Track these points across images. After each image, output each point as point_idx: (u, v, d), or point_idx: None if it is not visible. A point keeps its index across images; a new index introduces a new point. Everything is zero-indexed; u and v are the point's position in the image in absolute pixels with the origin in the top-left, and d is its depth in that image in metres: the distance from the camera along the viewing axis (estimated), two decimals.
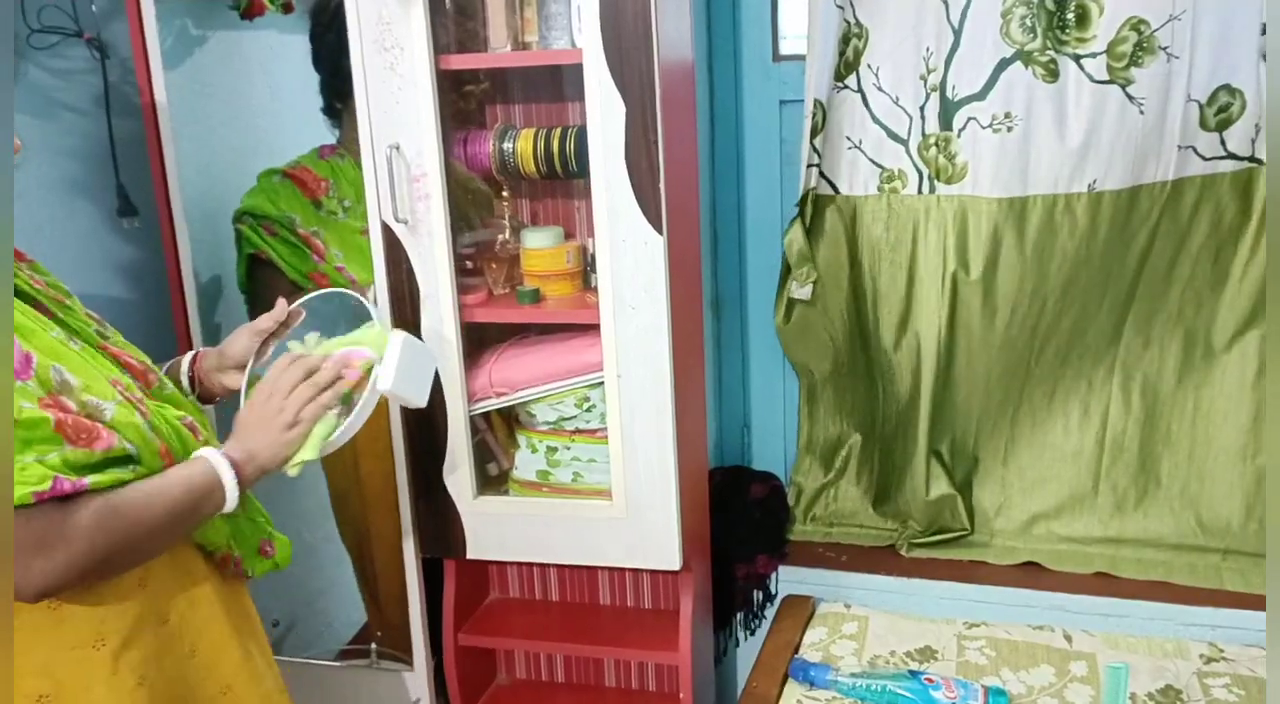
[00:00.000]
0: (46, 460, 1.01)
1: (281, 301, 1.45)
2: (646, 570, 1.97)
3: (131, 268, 1.98)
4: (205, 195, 1.95)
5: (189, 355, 1.47)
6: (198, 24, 1.96)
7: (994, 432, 2.09)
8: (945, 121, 1.86)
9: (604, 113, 1.57)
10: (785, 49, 2.12)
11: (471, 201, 1.80)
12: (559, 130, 1.71)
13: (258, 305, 1.90)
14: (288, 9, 1.92)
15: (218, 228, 1.93)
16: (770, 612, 2.12)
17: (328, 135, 1.93)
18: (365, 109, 1.65)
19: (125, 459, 1.10)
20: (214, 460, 1.19)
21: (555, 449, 1.78)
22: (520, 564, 2.05)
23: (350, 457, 1.97)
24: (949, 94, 1.85)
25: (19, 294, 1.14)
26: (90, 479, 1.04)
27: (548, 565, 2.04)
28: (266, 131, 2.07)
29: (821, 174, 1.98)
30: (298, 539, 1.47)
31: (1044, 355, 2.00)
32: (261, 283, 1.91)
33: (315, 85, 1.90)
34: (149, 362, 1.27)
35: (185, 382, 1.44)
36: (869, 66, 1.88)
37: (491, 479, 1.87)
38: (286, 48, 2.00)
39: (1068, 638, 1.88)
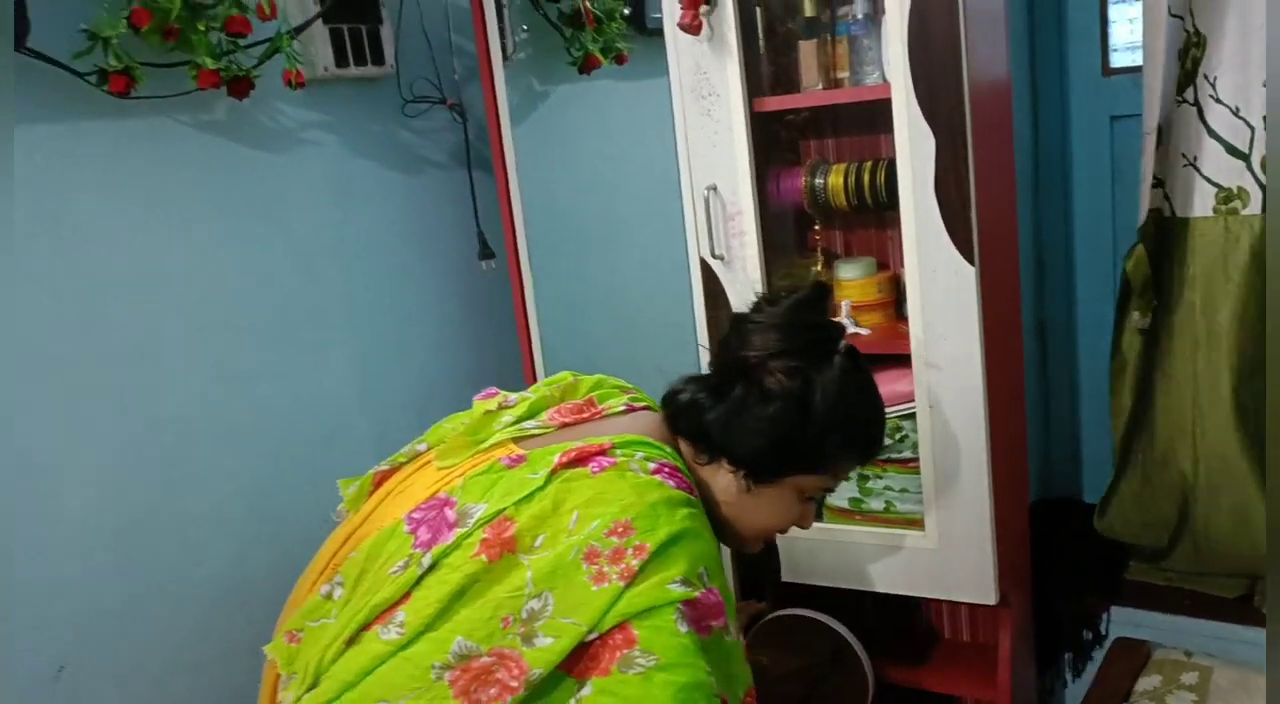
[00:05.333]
0: None
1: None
2: (963, 603, 1.93)
3: (493, 306, 2.20)
4: (549, 234, 2.14)
5: None
6: (542, 81, 2.16)
7: None
8: None
9: (913, 145, 1.57)
10: (1116, 62, 2.01)
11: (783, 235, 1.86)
12: (869, 163, 1.74)
13: None
14: (620, 61, 2.08)
15: (558, 261, 2.11)
16: (1099, 654, 2.01)
17: (670, 167, 1.85)
18: (685, 153, 1.76)
19: None
20: None
21: (867, 478, 1.80)
22: (835, 590, 2.08)
23: None
24: None
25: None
26: None
27: (863, 592, 2.05)
28: (602, 172, 2.24)
29: (1165, 196, 1.86)
30: None
31: None
32: None
33: (651, 126, 1.90)
34: None
35: None
36: (1205, 77, 1.75)
37: None
38: (621, 95, 2.15)
39: None
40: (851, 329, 1.25)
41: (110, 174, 1.56)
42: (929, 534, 1.72)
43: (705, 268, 1.79)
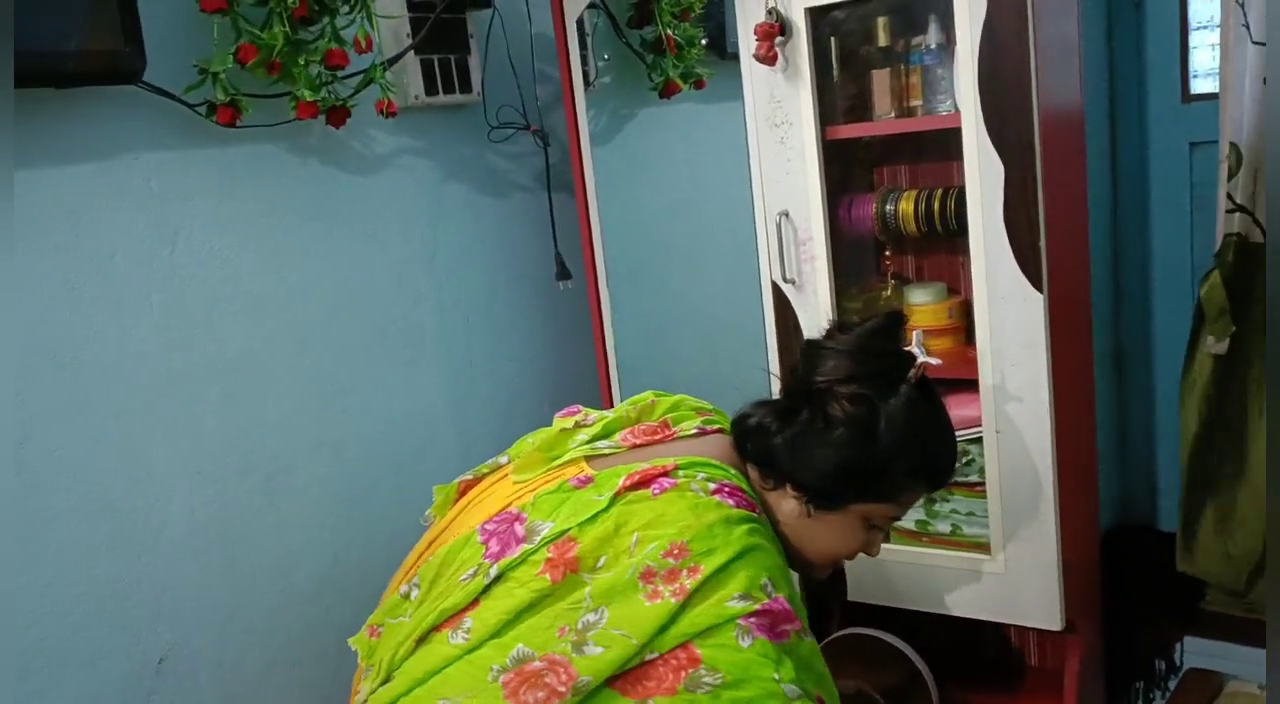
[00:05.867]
0: None
1: None
2: (1030, 628, 1.93)
3: (575, 324, 2.26)
4: (627, 254, 2.20)
5: None
6: (625, 104, 2.22)
7: None
8: None
9: (982, 174, 1.60)
10: (1197, 88, 2.01)
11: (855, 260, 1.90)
12: (940, 191, 1.76)
13: None
14: (699, 86, 2.14)
15: (635, 280, 2.17)
16: (1172, 684, 1.99)
17: (744, 190, 1.90)
18: (758, 179, 1.81)
19: None
20: None
21: (934, 500, 1.82)
22: (903, 609, 2.09)
23: None
24: None
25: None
26: None
27: (930, 613, 2.06)
28: (684, 193, 2.30)
29: (1255, 221, 1.84)
30: None
31: None
32: None
33: (727, 149, 1.95)
34: None
35: None
36: None
37: None
38: (701, 117, 2.21)
39: None
40: (923, 358, 1.27)
41: (218, 197, 1.66)
42: (995, 558, 1.73)
43: (777, 291, 1.83)
